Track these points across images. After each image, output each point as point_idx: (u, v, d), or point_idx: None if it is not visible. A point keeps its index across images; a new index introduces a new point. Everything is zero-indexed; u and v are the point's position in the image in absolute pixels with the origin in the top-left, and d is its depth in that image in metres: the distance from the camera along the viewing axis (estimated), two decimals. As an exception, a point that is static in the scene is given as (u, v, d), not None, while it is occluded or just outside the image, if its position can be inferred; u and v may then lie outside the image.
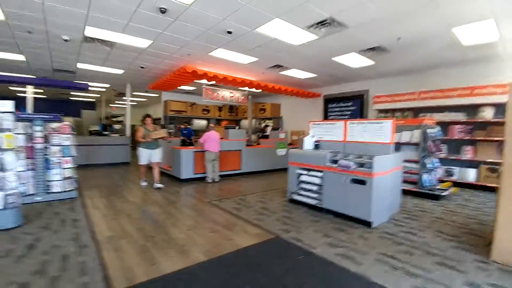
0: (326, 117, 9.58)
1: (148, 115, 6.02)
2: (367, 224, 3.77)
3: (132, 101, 11.32)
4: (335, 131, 4.78)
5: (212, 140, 6.51)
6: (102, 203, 4.76)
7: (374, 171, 3.69)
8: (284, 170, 8.55)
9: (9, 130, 3.65)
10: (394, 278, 2.48)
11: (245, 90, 9.31)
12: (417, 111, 7.25)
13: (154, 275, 2.46)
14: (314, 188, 4.47)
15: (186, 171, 6.69)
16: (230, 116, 13.31)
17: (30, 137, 4.68)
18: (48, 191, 4.82)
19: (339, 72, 7.64)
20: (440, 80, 6.98)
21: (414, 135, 5.60)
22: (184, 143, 9.34)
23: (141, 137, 5.72)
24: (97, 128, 11.86)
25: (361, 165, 3.95)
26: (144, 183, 6.15)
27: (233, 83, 7.73)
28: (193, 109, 11.93)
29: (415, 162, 5.53)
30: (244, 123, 12.32)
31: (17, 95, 12.76)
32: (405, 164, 5.29)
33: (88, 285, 2.29)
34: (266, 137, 9.44)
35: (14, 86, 10.65)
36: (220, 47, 5.71)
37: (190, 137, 9.98)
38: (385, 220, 4.02)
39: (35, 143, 4.69)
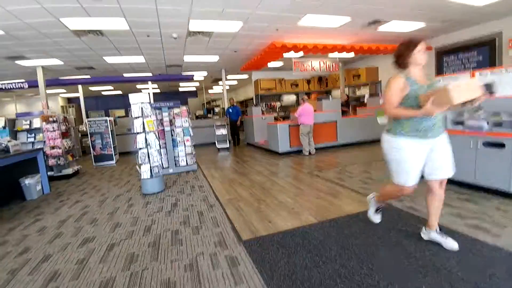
0: (440, 73, 8.02)
1: (414, 42, 2.11)
2: (507, 195, 3.12)
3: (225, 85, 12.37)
4: (457, 87, 3.98)
5: (307, 113, 6.54)
6: (218, 174, 5.59)
7: (519, 131, 2.95)
8: (387, 139, 7.84)
9: (148, 116, 4.65)
10: (555, 256, 2.01)
11: (335, 57, 8.73)
12: None
13: (272, 230, 2.78)
14: (430, 155, 3.93)
15: (283, 145, 6.99)
16: (320, 88, 12.85)
17: (160, 122, 5.83)
18: (177, 164, 5.98)
19: (456, 15, 6.16)
20: None
21: None
22: (233, 128, 9.34)
23: (397, 104, 2.14)
24: (201, 112, 13.61)
25: (498, 124, 3.21)
26: (376, 218, 2.73)
27: (323, 51, 7.37)
28: (281, 85, 12.09)
29: None
30: (336, 93, 11.68)
31: (141, 91, 15.87)
32: None
33: (222, 233, 2.81)
34: (360, 104, 8.72)
35: (139, 84, 13.26)
36: (308, 13, 5.48)
37: (236, 118, 9.54)
38: (534, 191, 3.22)
39: (165, 126, 5.81)
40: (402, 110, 2.13)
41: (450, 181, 3.70)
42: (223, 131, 8.89)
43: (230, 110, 9.55)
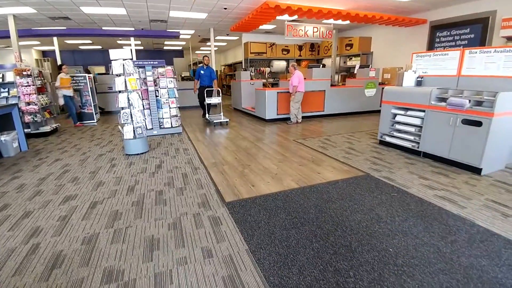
0: (431, 49, 7.96)
1: None
2: (476, 170, 3.33)
3: (214, 46, 11.77)
4: (446, 63, 4.00)
5: (301, 80, 6.45)
6: (203, 137, 5.56)
7: (496, 111, 3.06)
8: (372, 112, 8.01)
9: (131, 74, 4.41)
10: (504, 224, 2.25)
11: (330, 24, 8.40)
12: None
13: (254, 194, 2.87)
14: (412, 129, 4.06)
15: (270, 112, 6.96)
16: (311, 55, 12.52)
17: (143, 81, 5.57)
18: (161, 126, 5.86)
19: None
20: None
21: None
22: (203, 95, 6.88)
23: None
24: (188, 74, 13.08)
25: (479, 103, 3.31)
26: None
27: (318, 16, 7.03)
28: (272, 50, 11.65)
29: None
30: (327, 62, 11.45)
31: (123, 47, 14.87)
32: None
33: (206, 195, 2.88)
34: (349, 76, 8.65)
35: (120, 40, 12.36)
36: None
37: (209, 83, 7.37)
38: (499, 168, 3.46)
39: (148, 86, 5.56)
40: None
41: (426, 155, 3.90)
42: (216, 99, 6.92)
43: (202, 72, 7.36)
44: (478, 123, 3.21)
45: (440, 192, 2.85)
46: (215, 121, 6.83)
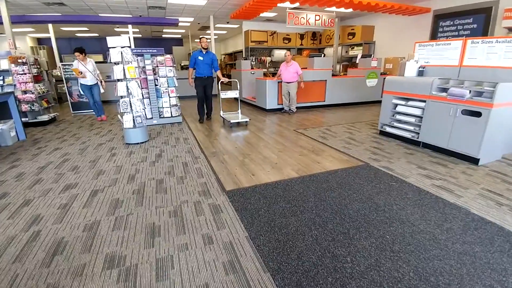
0: (434, 38, 7.86)
1: None
2: (473, 160, 3.35)
3: (214, 34, 11.57)
4: (448, 53, 3.97)
5: None
6: (203, 127, 5.54)
7: (495, 101, 3.06)
8: (374, 102, 7.98)
9: (129, 62, 4.36)
10: (498, 213, 2.29)
11: (332, 12, 8.26)
12: None
13: (254, 183, 2.90)
14: (412, 120, 4.06)
15: (270, 101, 6.93)
16: (313, 44, 12.35)
17: (142, 70, 5.51)
18: (161, 115, 5.83)
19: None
20: None
21: None
22: (203, 91, 5.67)
23: None
24: (187, 62, 12.91)
25: (479, 94, 3.30)
26: None
27: (320, 3, 6.89)
28: (273, 38, 11.48)
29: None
30: (328, 51, 11.31)
31: (121, 35, 14.62)
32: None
33: (206, 184, 2.90)
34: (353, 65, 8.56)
35: (118, 27, 12.15)
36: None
37: (209, 73, 5.65)
38: (496, 158, 3.49)
39: (147, 74, 5.50)
40: None
41: (426, 145, 3.92)
42: (233, 93, 5.60)
43: (200, 58, 5.53)
44: (478, 114, 3.22)
45: (438, 182, 2.88)
46: (231, 121, 5.42)
